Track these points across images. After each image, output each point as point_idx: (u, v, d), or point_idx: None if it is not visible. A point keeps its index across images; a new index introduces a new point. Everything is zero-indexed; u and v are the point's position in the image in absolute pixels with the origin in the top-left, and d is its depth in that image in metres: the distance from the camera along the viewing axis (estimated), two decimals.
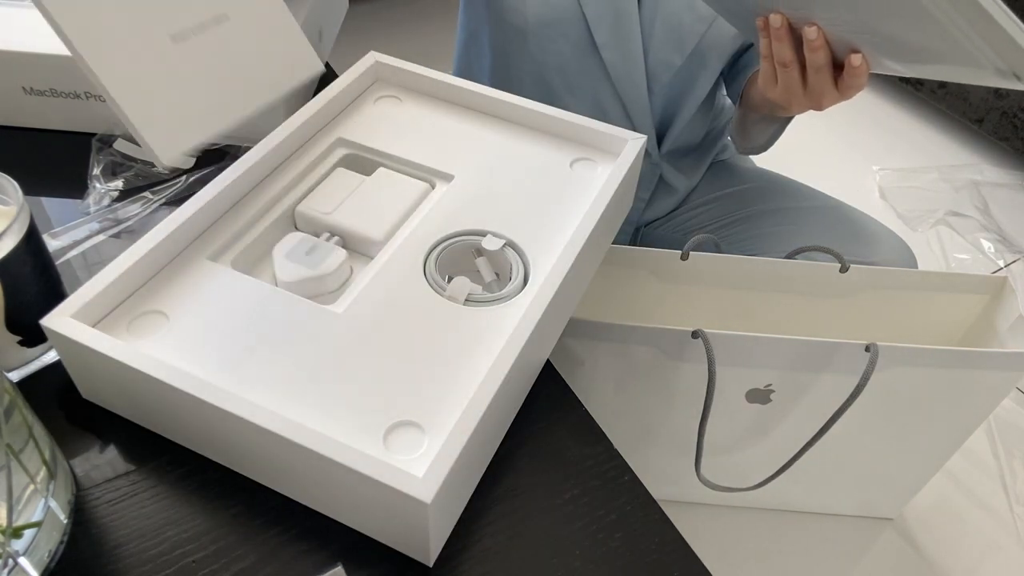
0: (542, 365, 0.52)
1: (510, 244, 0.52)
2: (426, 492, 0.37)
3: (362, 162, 0.59)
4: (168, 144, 0.43)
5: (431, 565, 0.42)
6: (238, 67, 0.48)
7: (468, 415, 0.40)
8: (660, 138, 0.94)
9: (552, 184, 0.57)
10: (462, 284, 0.49)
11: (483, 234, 0.53)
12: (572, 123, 0.60)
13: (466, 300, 0.49)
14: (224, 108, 0.46)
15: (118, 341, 0.42)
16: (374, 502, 0.40)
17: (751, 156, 1.06)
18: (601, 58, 0.84)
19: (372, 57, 0.64)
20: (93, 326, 0.44)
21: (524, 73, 0.88)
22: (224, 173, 0.52)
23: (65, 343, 0.43)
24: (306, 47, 0.51)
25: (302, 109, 0.58)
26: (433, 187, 0.57)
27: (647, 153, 0.94)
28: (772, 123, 0.84)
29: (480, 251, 0.53)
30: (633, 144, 0.58)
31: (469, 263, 0.53)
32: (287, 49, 0.51)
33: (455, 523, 0.44)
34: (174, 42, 0.44)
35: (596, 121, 0.60)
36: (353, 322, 0.47)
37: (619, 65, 0.84)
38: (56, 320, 0.43)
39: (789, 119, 0.82)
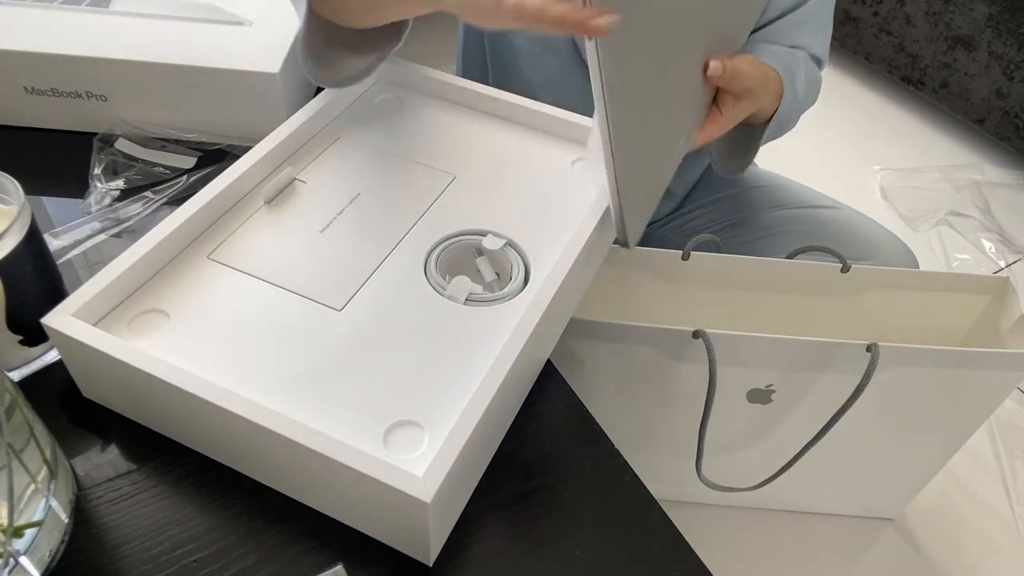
0: (542, 365, 0.52)
1: (510, 244, 0.52)
2: (426, 491, 0.37)
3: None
4: (636, 232, 0.52)
5: (431, 565, 0.42)
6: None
7: (468, 415, 0.40)
8: None
9: (553, 184, 0.57)
10: (462, 283, 0.49)
11: (483, 234, 0.53)
12: (572, 123, 0.60)
13: (466, 300, 0.49)
14: (657, 189, 0.55)
15: (119, 340, 0.43)
16: (374, 501, 0.40)
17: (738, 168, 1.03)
18: (588, 74, 0.84)
19: None
20: (94, 325, 0.44)
21: (515, 89, 0.88)
22: (225, 172, 0.52)
23: (66, 342, 0.43)
24: None
25: (303, 109, 0.58)
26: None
27: None
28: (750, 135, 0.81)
29: (480, 251, 0.53)
30: None
31: (470, 263, 0.53)
32: None
33: (455, 522, 0.44)
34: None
35: None
36: (353, 321, 0.47)
37: None
38: (57, 319, 0.43)
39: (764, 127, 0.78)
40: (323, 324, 0.46)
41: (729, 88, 0.61)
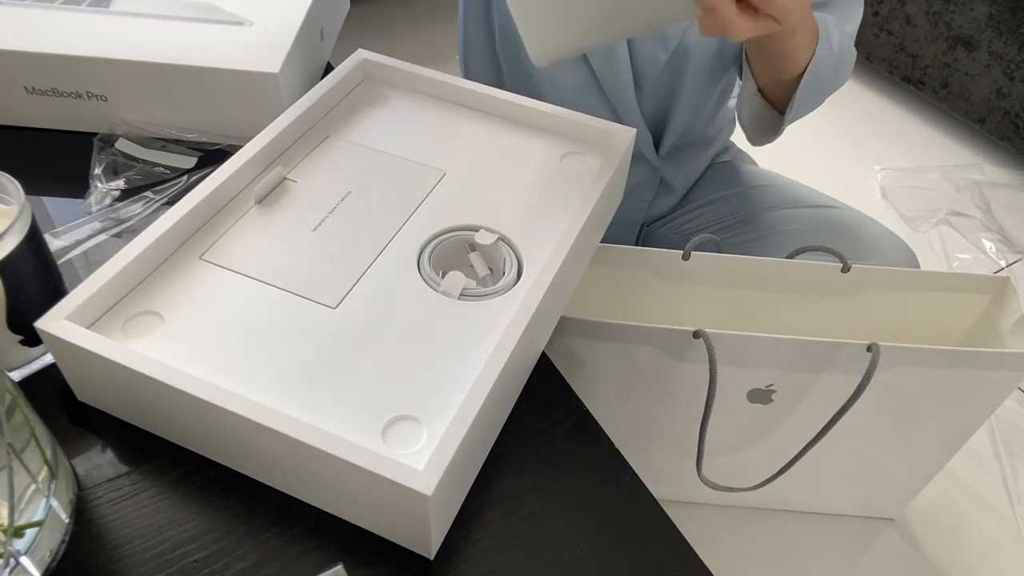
0: (538, 357, 0.52)
1: (503, 238, 0.53)
2: (426, 485, 0.37)
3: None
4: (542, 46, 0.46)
5: (432, 558, 0.42)
6: None
7: (466, 408, 0.41)
8: (657, 144, 0.94)
9: (543, 178, 0.57)
10: (456, 279, 0.49)
11: (476, 229, 0.53)
12: (561, 117, 0.60)
13: (460, 295, 0.49)
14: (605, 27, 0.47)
15: (113, 342, 0.42)
16: (374, 497, 0.40)
17: (755, 151, 1.05)
18: (589, 66, 0.84)
19: (360, 55, 0.64)
20: (88, 328, 0.44)
21: (524, 89, 0.89)
22: (215, 172, 0.52)
23: (60, 345, 0.43)
24: None
25: (291, 108, 0.58)
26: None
27: (645, 159, 0.94)
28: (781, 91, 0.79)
29: (473, 246, 0.53)
30: (622, 137, 0.58)
31: (463, 258, 0.53)
32: None
33: (455, 515, 0.44)
34: None
35: (585, 115, 0.60)
36: (348, 318, 0.47)
37: (606, 69, 0.84)
38: (51, 322, 0.43)
39: (795, 86, 0.76)
40: (318, 322, 0.46)
41: (764, 8, 0.51)
